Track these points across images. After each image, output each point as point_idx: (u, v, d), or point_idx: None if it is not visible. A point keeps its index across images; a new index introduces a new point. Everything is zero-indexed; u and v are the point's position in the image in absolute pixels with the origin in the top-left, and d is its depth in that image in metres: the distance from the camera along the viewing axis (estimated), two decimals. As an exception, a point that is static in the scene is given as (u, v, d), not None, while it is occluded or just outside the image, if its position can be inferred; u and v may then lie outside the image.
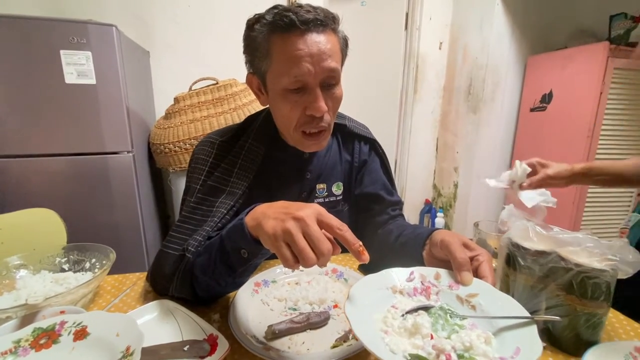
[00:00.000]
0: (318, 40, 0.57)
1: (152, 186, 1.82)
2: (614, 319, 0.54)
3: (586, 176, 0.81)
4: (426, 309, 0.44)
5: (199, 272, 0.53)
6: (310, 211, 0.41)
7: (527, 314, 0.40)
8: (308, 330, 0.50)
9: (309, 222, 0.40)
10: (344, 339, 0.48)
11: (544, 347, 0.46)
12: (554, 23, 2.05)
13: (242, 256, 0.49)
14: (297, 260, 0.40)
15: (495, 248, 0.63)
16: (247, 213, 0.48)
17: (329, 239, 0.41)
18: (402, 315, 0.43)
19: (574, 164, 0.80)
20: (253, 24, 0.60)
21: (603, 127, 1.69)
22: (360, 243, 0.41)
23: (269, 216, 0.43)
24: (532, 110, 2.02)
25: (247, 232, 0.46)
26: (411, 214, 2.59)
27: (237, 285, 0.59)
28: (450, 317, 0.43)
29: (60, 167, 1.40)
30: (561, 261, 0.44)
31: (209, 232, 0.58)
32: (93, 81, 1.35)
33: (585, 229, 1.80)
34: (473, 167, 2.19)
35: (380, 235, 0.75)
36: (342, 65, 0.65)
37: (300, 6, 0.56)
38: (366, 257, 0.41)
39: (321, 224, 0.41)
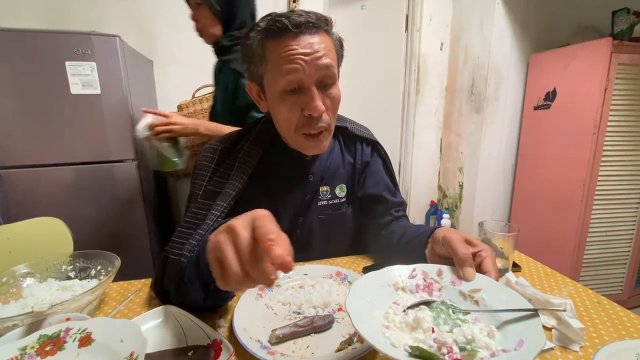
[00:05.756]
0: (312, 41, 0.58)
1: (158, 193, 1.83)
2: (625, 317, 0.53)
3: None
4: (428, 303, 0.44)
5: (187, 281, 0.52)
6: (247, 219, 0.36)
7: (531, 307, 0.39)
8: (312, 334, 0.50)
9: (238, 231, 0.34)
10: (349, 342, 0.47)
11: (553, 347, 0.45)
12: (556, 20, 2.04)
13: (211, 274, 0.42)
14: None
15: (501, 248, 0.62)
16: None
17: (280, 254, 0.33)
18: (404, 311, 0.43)
19: None
20: (248, 32, 0.61)
21: (609, 123, 1.66)
22: (286, 256, 0.32)
23: (220, 230, 0.38)
24: (536, 108, 2.00)
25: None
26: (417, 215, 2.58)
27: (221, 299, 0.55)
28: (453, 312, 0.42)
29: (67, 177, 1.41)
30: None
31: (202, 236, 0.58)
32: (98, 91, 1.37)
33: (594, 226, 1.77)
34: (478, 167, 2.17)
35: (383, 237, 0.74)
36: (338, 66, 0.65)
37: (293, 11, 0.58)
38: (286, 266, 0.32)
39: (255, 233, 0.35)
